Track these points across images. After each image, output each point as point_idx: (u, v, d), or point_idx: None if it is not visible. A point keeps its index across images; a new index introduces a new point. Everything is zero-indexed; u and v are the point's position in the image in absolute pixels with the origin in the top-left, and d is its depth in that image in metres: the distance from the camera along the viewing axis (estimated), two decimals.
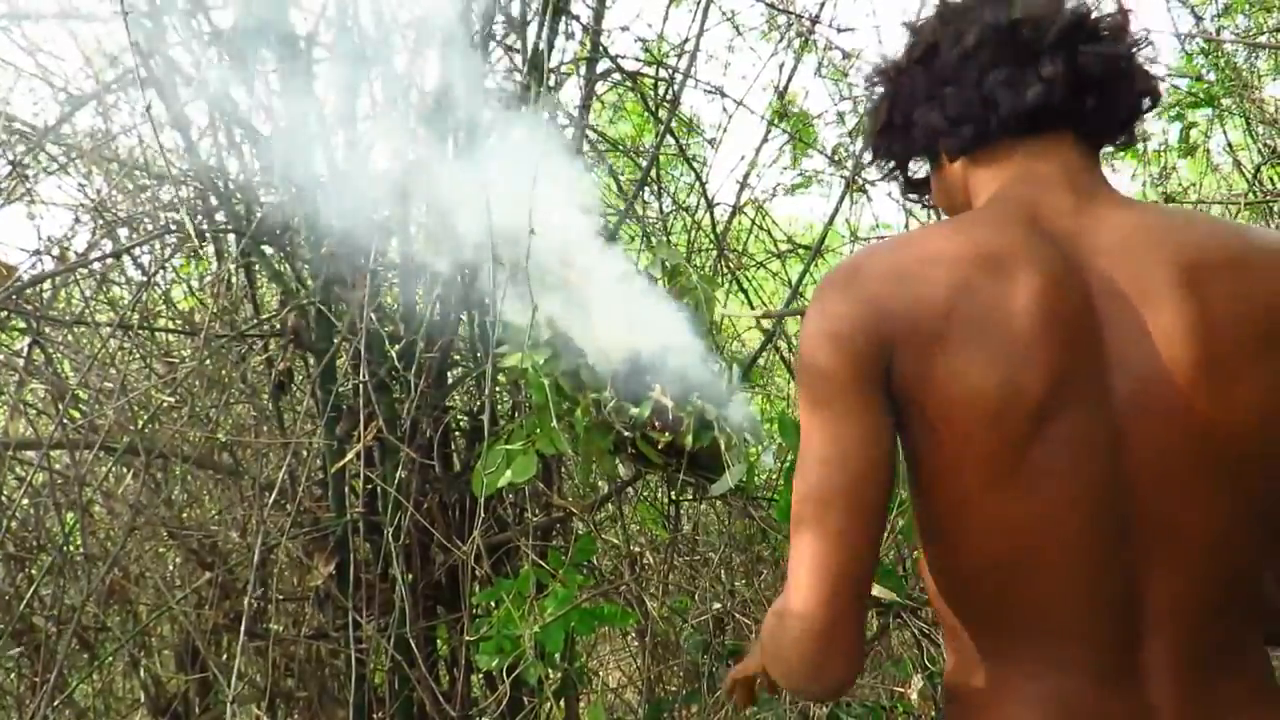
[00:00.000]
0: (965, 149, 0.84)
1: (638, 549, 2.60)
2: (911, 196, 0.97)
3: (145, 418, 1.93)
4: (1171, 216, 0.77)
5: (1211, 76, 2.44)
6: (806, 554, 0.75)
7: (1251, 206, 2.57)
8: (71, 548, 2.00)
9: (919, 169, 0.95)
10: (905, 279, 0.74)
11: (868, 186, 2.30)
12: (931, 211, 1.30)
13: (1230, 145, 2.66)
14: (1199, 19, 2.71)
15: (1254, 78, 2.50)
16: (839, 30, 2.12)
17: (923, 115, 0.85)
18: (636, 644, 2.57)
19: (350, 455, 1.60)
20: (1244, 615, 0.78)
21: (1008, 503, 0.72)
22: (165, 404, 1.95)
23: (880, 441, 0.75)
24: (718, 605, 2.21)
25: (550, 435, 1.64)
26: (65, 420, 1.80)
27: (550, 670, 1.94)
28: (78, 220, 2.10)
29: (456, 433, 2.37)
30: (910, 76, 0.87)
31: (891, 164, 0.94)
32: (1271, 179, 2.67)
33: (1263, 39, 2.43)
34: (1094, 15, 0.81)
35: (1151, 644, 0.74)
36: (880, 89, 0.90)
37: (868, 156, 0.93)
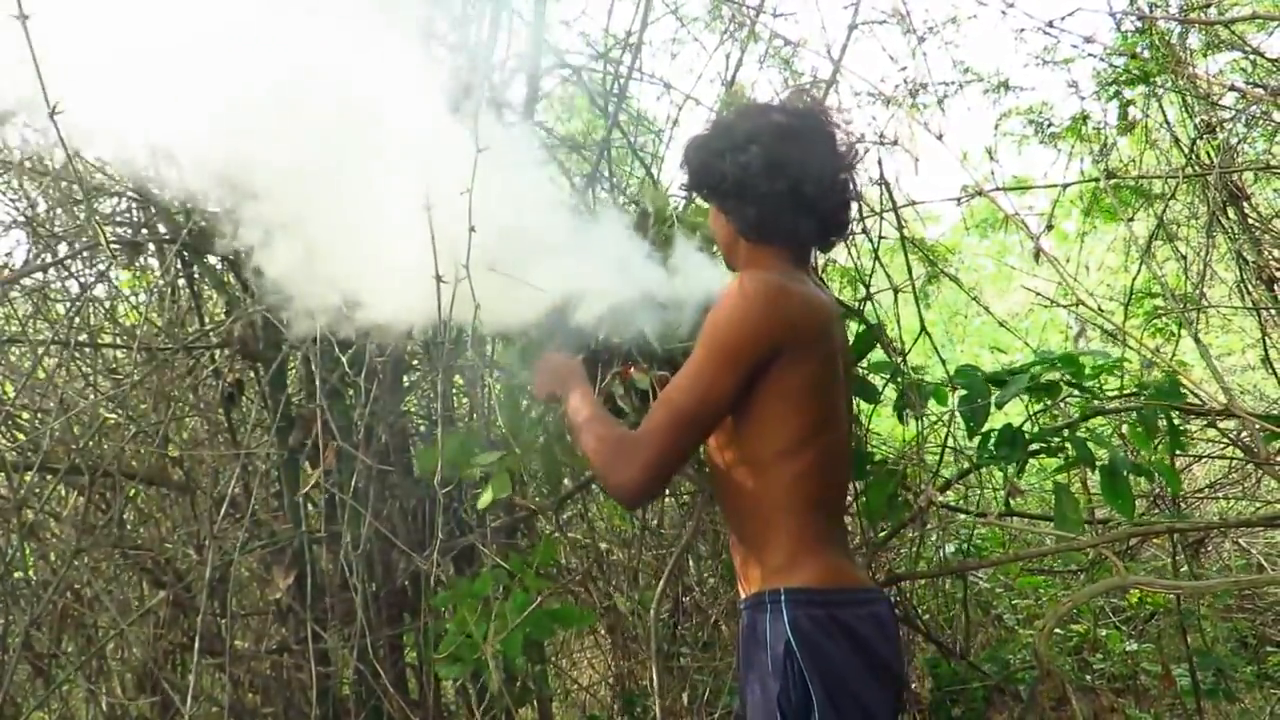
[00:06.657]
0: (747, 239, 1.38)
1: (604, 545, 2.59)
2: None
3: (89, 435, 1.88)
4: (824, 292, 1.47)
5: (1146, 54, 2.49)
6: (662, 441, 1.25)
7: (1189, 180, 2.63)
8: (17, 572, 1.94)
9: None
10: (807, 311, 1.31)
11: None
12: None
13: (1167, 121, 2.72)
14: None
15: (1187, 54, 2.55)
16: (775, 15, 2.12)
17: (731, 205, 1.36)
18: (608, 641, 2.56)
19: (314, 477, 1.57)
20: None
21: (832, 433, 1.33)
22: (110, 421, 1.90)
23: (732, 402, 1.28)
24: (685, 599, 2.21)
25: (516, 459, 1.60)
26: (5, 440, 1.74)
27: (513, 674, 1.92)
28: (6, 232, 2.05)
29: (415, 437, 2.33)
30: (734, 165, 1.32)
31: (694, 190, 1.48)
32: (1207, 153, 2.73)
33: (1195, 16, 2.49)
34: (859, 188, 1.44)
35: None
36: (713, 136, 1.38)
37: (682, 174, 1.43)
